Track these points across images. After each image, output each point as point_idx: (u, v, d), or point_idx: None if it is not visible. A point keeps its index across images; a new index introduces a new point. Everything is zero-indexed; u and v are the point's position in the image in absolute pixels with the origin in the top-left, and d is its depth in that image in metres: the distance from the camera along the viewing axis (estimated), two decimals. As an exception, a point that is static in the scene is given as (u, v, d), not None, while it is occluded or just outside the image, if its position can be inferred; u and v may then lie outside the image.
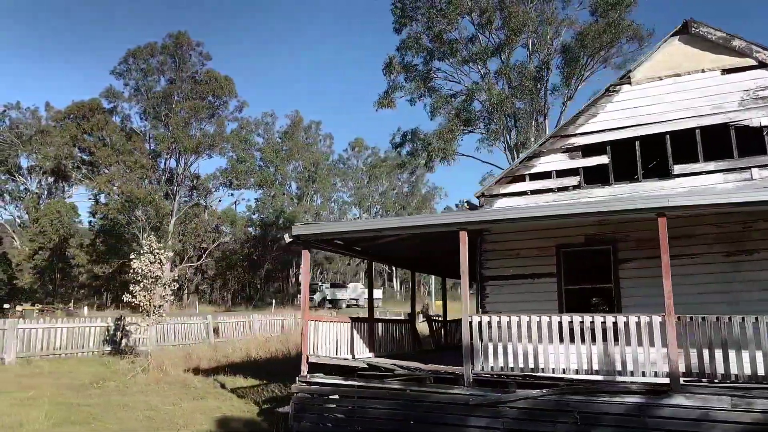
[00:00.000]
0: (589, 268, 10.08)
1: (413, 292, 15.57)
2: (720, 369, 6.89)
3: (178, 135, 52.71)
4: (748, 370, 6.78)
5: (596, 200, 10.06)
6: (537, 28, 32.88)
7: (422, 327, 20.85)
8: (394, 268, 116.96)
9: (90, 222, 55.73)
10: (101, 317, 18.80)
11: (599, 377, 7.49)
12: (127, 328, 18.99)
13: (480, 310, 10.68)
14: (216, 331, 23.49)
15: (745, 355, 6.79)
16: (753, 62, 9.36)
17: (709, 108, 9.53)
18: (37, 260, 57.38)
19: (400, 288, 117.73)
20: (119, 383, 12.74)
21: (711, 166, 9.42)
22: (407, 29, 37.85)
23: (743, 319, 6.87)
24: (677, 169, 9.63)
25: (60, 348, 16.59)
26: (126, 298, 14.93)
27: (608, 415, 7.22)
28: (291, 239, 9.58)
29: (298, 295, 77.13)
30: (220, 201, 68.36)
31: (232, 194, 65.35)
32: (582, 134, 10.44)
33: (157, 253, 14.69)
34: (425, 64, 38.74)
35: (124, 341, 18.71)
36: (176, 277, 15.10)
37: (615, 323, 7.49)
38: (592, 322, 7.63)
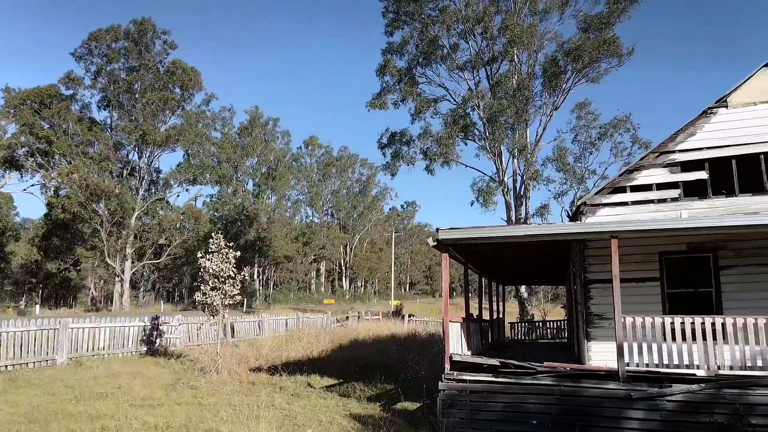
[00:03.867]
0: (689, 273, 11.02)
1: (480, 297, 16.14)
2: None
3: (147, 127, 50.68)
4: None
5: (697, 211, 11.07)
6: (530, 41, 34.26)
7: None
8: (343, 268, 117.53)
9: (47, 215, 52.42)
10: (138, 317, 18.14)
11: (751, 372, 8.38)
12: (161, 327, 18.48)
13: (585, 311, 11.42)
14: (232, 330, 23.17)
15: None
16: (838, 94, 10.64)
17: (799, 133, 10.73)
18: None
19: (349, 288, 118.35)
20: (204, 383, 12.54)
21: (802, 184, 10.63)
22: (400, 32, 38.53)
23: None
24: (771, 186, 10.77)
25: (103, 348, 15.99)
26: (197, 297, 14.62)
27: (763, 406, 8.12)
28: (435, 243, 9.93)
29: (256, 296, 75.67)
30: (178, 196, 66.32)
31: (187, 190, 63.54)
32: (681, 151, 11.41)
33: (227, 252, 14.46)
34: (410, 70, 39.48)
35: (158, 341, 18.21)
36: (246, 277, 14.91)
37: (766, 323, 8.41)
38: (744, 324, 8.52)
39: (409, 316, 41.57)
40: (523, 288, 36.57)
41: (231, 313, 25.60)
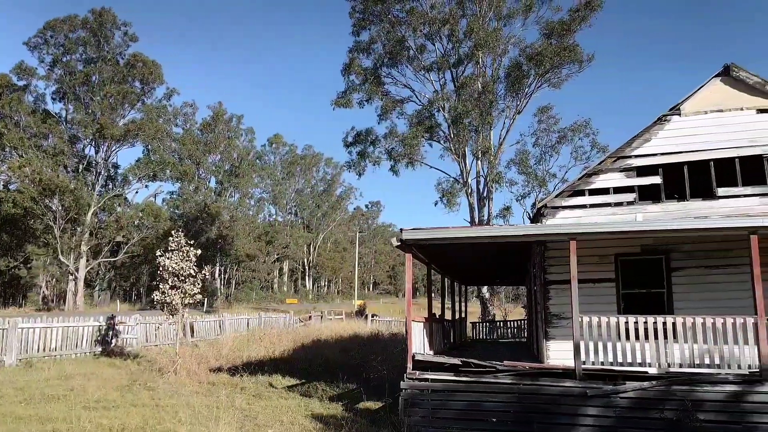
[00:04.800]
0: (642, 274, 11.40)
1: (443, 297, 16.30)
2: (801, 361, 8.40)
3: (105, 121, 49.15)
4: (824, 362, 8.33)
5: (651, 215, 11.46)
6: (495, 45, 34.75)
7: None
8: (307, 267, 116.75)
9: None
10: (93, 316, 17.59)
11: (699, 370, 8.73)
12: (117, 327, 17.98)
13: (545, 311, 11.68)
14: (192, 330, 22.73)
15: (822, 349, 8.35)
16: (783, 105, 11.20)
17: (746, 141, 11.23)
18: None
19: (313, 287, 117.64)
20: (162, 384, 12.26)
21: (748, 190, 11.13)
22: (367, 32, 38.51)
23: (820, 320, 8.43)
24: (720, 191, 11.24)
25: (56, 349, 15.45)
26: (156, 296, 14.26)
27: (709, 402, 8.48)
28: (399, 243, 9.98)
29: (216, 294, 74.36)
30: (137, 192, 64.57)
31: (146, 186, 61.89)
32: (637, 156, 11.80)
33: (187, 250, 14.17)
34: (376, 69, 39.50)
35: (114, 341, 17.71)
36: (200, 276, 14.73)
37: (713, 323, 8.78)
38: (693, 323, 8.88)
39: (372, 316, 41.62)
40: (485, 288, 37.08)
41: (191, 313, 25.09)
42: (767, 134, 11.19)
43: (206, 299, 61.02)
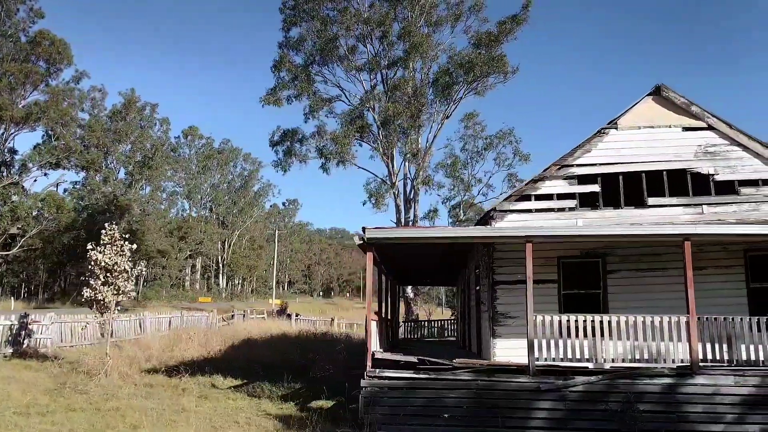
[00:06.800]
0: (582, 276, 12.15)
1: (385, 296, 16.42)
2: (725, 356, 9.37)
3: (4, 101, 44.84)
4: (744, 356, 9.34)
5: (590, 221, 12.24)
6: (427, 51, 35.48)
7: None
8: (221, 265, 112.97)
9: None
10: (5, 314, 16.02)
11: (639, 365, 9.48)
12: (30, 327, 16.52)
13: (492, 310, 12.12)
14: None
15: (742, 345, 9.36)
16: (704, 125, 12.39)
17: (672, 156, 12.32)
18: None
19: (226, 286, 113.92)
20: (94, 387, 11.44)
21: (674, 200, 12.19)
22: (298, 28, 37.96)
23: (741, 319, 9.44)
24: (650, 201, 12.23)
25: (-41, 351, 13.93)
26: (86, 293, 13.19)
27: (648, 394, 9.23)
28: (362, 241, 9.97)
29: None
30: (35, 181, 59.47)
31: (46, 175, 56.84)
32: (579, 165, 12.55)
33: (122, 244, 13.29)
34: (307, 67, 39.02)
35: (26, 342, 16.25)
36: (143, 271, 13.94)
37: (652, 322, 9.56)
38: (635, 322, 9.62)
39: (296, 315, 41.10)
40: (409, 289, 37.75)
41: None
42: (690, 150, 12.33)
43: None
